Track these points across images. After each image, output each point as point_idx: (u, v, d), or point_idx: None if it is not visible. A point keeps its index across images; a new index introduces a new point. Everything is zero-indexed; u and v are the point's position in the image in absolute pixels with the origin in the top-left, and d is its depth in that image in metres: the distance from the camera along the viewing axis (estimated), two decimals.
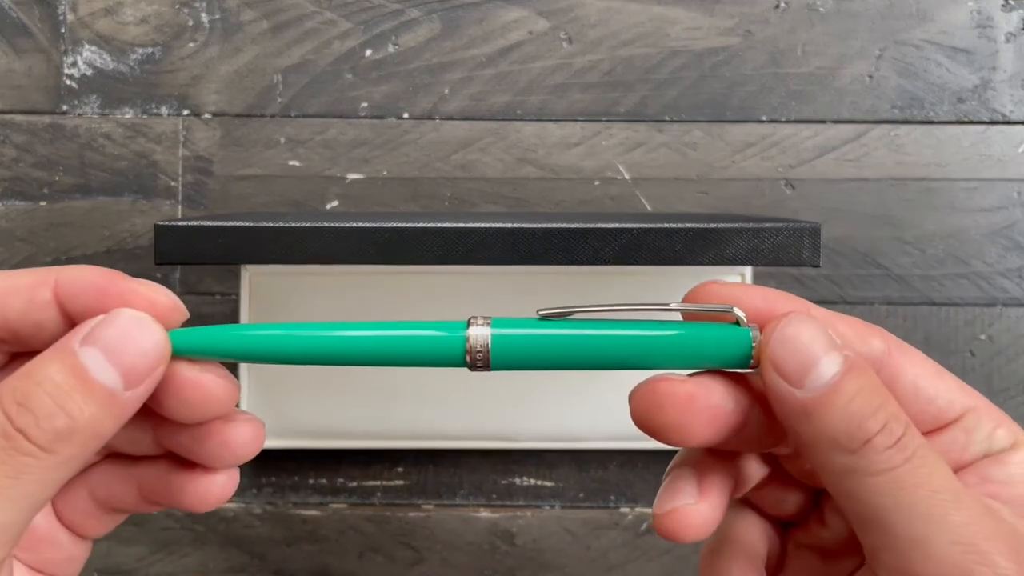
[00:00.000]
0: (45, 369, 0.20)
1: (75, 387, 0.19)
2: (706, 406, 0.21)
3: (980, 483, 0.22)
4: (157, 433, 0.23)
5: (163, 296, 0.21)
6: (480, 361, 0.22)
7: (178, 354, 0.21)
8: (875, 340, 0.22)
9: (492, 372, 0.22)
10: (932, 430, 0.23)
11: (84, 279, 0.22)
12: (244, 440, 0.22)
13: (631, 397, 0.22)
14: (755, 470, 0.25)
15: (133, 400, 0.20)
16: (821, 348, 0.20)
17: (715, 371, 0.22)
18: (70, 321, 0.22)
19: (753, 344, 0.21)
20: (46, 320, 0.22)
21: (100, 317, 0.20)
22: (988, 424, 0.23)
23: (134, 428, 0.23)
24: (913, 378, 0.22)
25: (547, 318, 0.22)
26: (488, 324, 0.22)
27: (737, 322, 0.22)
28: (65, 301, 0.22)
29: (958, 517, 0.20)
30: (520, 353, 0.22)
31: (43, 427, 0.19)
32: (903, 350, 0.23)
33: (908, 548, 0.20)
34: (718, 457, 0.23)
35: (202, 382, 0.21)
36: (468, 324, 0.22)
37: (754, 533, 0.25)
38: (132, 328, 0.20)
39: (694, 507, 0.22)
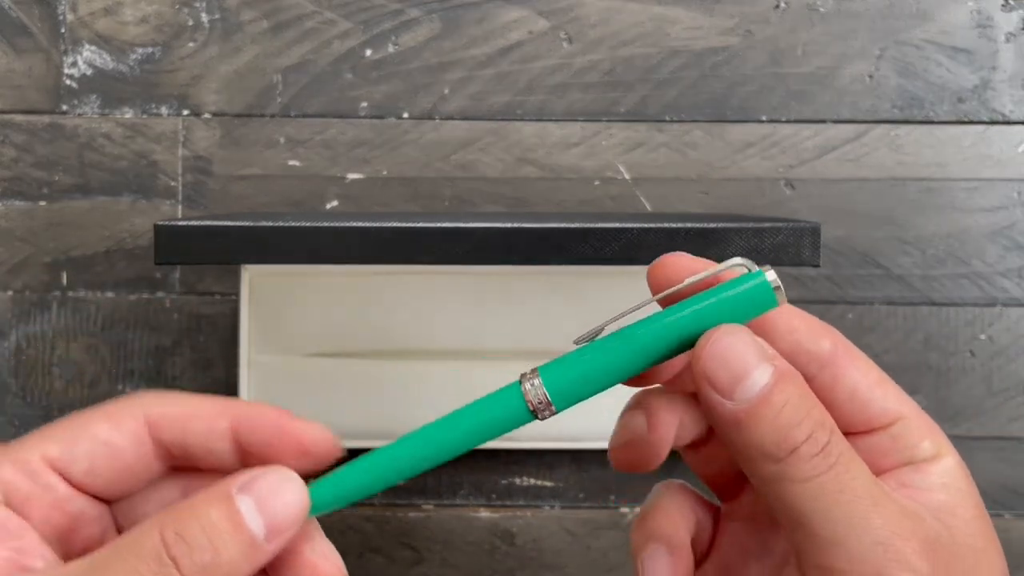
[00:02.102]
0: (206, 508, 0.21)
1: (227, 530, 0.21)
2: (666, 431, 0.24)
3: (897, 488, 0.23)
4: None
5: (324, 437, 0.24)
6: (547, 410, 0.23)
7: (317, 508, 0.23)
8: (824, 340, 0.23)
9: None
10: (859, 432, 0.24)
11: (261, 417, 0.24)
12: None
13: (612, 450, 0.25)
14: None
15: (269, 552, 0.22)
16: (753, 360, 0.22)
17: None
18: (240, 451, 0.24)
19: (772, 284, 0.22)
20: (219, 448, 0.24)
21: (258, 470, 0.22)
22: (916, 434, 0.24)
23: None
24: (853, 382, 0.23)
25: (582, 342, 0.24)
26: (537, 375, 0.23)
27: (748, 270, 0.23)
28: (240, 434, 0.24)
29: (878, 520, 0.21)
30: (577, 388, 0.23)
31: (194, 559, 0.21)
32: (850, 354, 0.24)
33: (831, 549, 0.21)
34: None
35: (318, 565, 0.23)
36: (520, 383, 0.23)
37: (684, 503, 0.27)
38: (282, 485, 0.22)
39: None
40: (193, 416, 0.24)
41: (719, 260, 0.33)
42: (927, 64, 0.46)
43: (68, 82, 0.46)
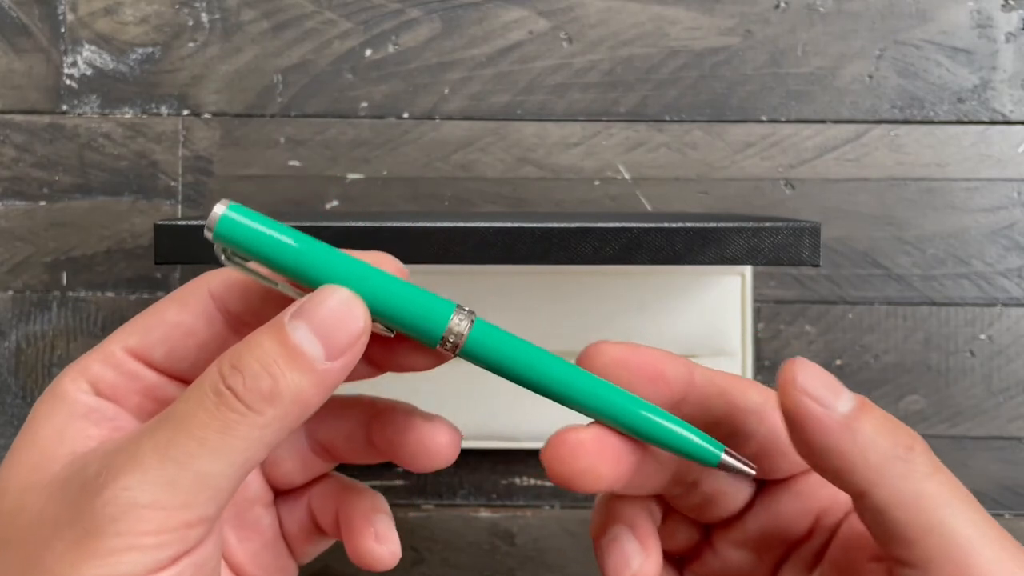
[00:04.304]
0: (258, 338, 0.22)
1: (280, 354, 0.21)
2: (610, 447, 0.23)
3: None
4: (369, 432, 0.26)
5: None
6: (450, 346, 0.23)
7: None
8: (752, 392, 0.24)
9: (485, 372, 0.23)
10: (799, 473, 0.25)
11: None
12: (442, 445, 0.25)
13: (543, 453, 0.23)
14: (655, 513, 0.27)
15: (335, 372, 0.22)
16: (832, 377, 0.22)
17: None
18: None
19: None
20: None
21: (311, 295, 0.22)
22: None
23: (351, 428, 0.27)
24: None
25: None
26: (471, 319, 0.23)
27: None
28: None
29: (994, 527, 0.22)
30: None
31: (249, 386, 0.21)
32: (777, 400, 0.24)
33: (967, 548, 0.21)
34: (638, 507, 0.25)
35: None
36: (455, 310, 0.23)
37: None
38: (336, 305, 0.22)
39: (648, 563, 0.24)
40: (339, 431, 0.26)
41: (718, 261, 0.33)
42: (927, 64, 0.46)
43: (68, 82, 0.46)
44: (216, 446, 0.21)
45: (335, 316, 0.22)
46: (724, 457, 0.23)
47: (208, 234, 0.22)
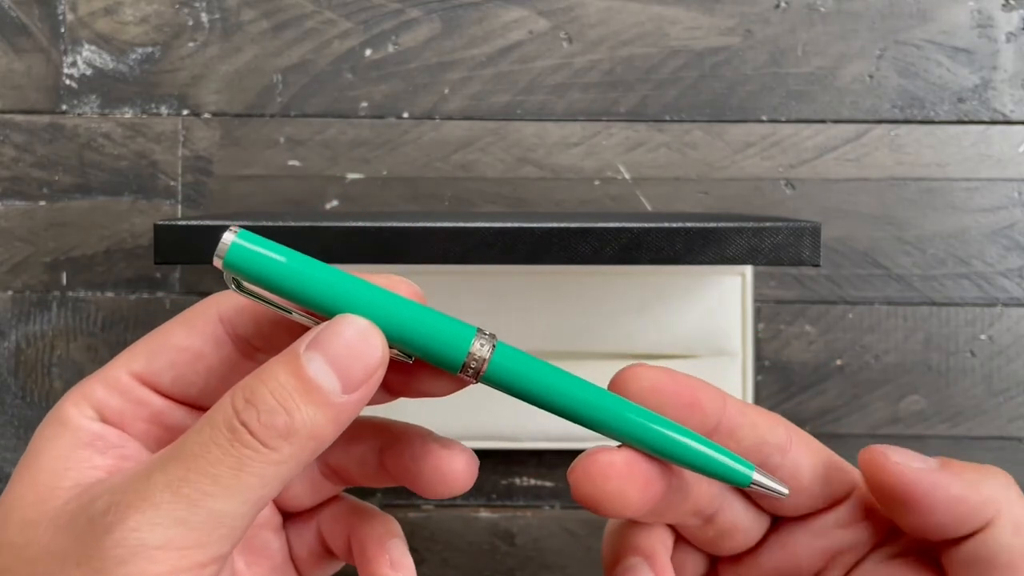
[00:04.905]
0: (272, 370, 0.21)
1: (296, 388, 0.21)
2: (640, 471, 0.22)
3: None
4: (382, 458, 0.25)
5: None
6: (472, 373, 0.22)
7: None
8: (780, 429, 0.24)
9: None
10: (822, 510, 0.25)
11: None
12: (459, 472, 0.24)
13: (572, 473, 0.23)
14: (669, 544, 0.26)
15: (351, 405, 0.21)
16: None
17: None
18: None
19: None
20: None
21: (326, 324, 0.21)
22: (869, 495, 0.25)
23: (363, 453, 0.26)
24: (811, 463, 0.24)
25: None
26: (493, 343, 0.22)
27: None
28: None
29: None
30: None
31: (264, 422, 0.20)
32: (800, 437, 0.24)
33: None
34: (655, 537, 0.25)
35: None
36: (476, 335, 0.22)
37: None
38: (353, 336, 0.21)
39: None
40: (353, 456, 0.25)
41: (719, 261, 0.33)
42: (927, 64, 0.46)
43: (68, 82, 0.46)
44: (230, 484, 0.20)
45: (352, 348, 0.21)
46: (756, 476, 0.23)
47: (218, 262, 0.21)
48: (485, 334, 0.22)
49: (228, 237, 0.21)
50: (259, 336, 0.23)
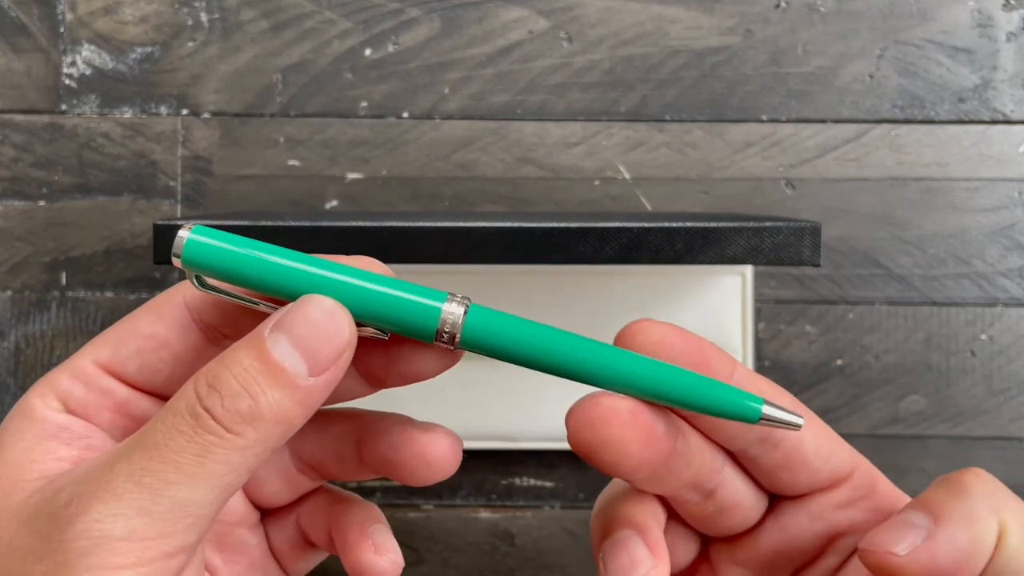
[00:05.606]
0: (236, 354, 0.20)
1: (260, 371, 0.20)
2: (644, 422, 0.21)
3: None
4: (360, 449, 0.25)
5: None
6: (449, 340, 0.21)
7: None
8: (785, 400, 0.23)
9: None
10: (822, 489, 0.24)
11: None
12: (442, 455, 0.23)
13: (570, 416, 0.21)
14: (661, 520, 0.25)
15: (319, 388, 0.20)
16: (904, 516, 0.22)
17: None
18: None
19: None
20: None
21: (291, 305, 0.21)
22: (868, 475, 0.24)
23: (339, 446, 0.25)
24: (814, 439, 0.23)
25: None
26: (466, 304, 0.22)
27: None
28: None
29: None
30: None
31: (227, 407, 0.20)
32: (804, 411, 0.24)
33: None
34: (647, 511, 0.24)
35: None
36: (446, 300, 0.22)
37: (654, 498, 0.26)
38: (319, 316, 0.20)
39: (656, 572, 0.23)
40: (326, 447, 0.25)
41: (719, 260, 0.33)
42: (928, 64, 0.46)
43: (67, 82, 0.46)
44: (194, 472, 0.19)
45: (318, 328, 0.20)
46: (766, 409, 0.21)
47: (176, 261, 0.21)
48: (457, 297, 0.21)
49: (183, 234, 0.21)
50: (226, 323, 0.23)
